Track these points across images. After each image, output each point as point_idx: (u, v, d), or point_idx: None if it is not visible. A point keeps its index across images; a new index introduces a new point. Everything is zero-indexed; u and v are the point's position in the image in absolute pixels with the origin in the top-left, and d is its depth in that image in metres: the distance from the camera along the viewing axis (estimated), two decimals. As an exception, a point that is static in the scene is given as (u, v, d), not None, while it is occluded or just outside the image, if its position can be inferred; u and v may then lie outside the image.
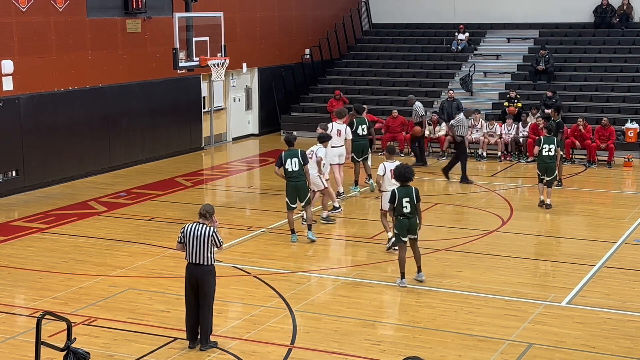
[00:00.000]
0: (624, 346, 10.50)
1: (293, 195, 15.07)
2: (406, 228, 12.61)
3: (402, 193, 12.59)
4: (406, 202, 12.53)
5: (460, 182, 20.01)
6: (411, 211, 12.57)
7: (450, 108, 24.73)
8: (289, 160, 15.02)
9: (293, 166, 14.98)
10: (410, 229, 12.63)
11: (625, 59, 26.96)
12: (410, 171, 12.74)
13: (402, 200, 12.53)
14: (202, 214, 10.46)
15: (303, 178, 15.05)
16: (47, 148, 19.94)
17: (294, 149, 15.21)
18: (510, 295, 12.37)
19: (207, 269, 10.33)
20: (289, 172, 14.99)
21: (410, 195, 12.56)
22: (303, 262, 14.12)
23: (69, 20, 20.46)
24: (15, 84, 19.13)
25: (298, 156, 15.03)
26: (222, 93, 26.35)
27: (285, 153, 15.13)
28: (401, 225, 12.62)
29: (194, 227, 10.34)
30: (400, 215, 12.60)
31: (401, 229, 12.63)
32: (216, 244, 10.36)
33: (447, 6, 31.14)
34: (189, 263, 10.37)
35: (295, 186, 15.00)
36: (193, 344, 10.46)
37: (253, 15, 27.16)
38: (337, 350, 10.37)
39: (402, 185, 12.69)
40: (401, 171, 12.73)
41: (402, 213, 12.57)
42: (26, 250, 14.86)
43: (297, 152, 15.07)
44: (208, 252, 10.28)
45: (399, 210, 12.58)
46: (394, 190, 12.71)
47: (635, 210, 17.45)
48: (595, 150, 22.36)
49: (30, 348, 9.87)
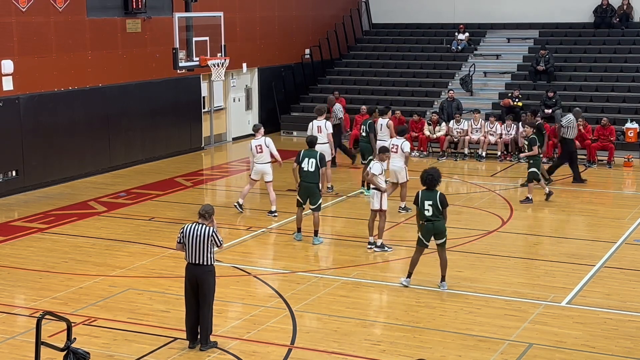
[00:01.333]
0: (624, 346, 10.50)
1: (304, 196, 15.13)
2: (431, 233, 12.46)
3: (424, 196, 12.49)
4: (428, 205, 12.39)
5: (572, 182, 19.98)
6: (434, 214, 12.37)
7: (450, 108, 24.75)
8: (306, 159, 15.05)
9: (309, 166, 15.02)
10: (436, 234, 12.47)
11: (625, 59, 26.96)
12: (434, 177, 12.55)
13: (425, 203, 12.42)
14: (201, 214, 10.46)
15: (316, 180, 15.07)
16: (47, 148, 19.95)
17: (314, 150, 15.23)
18: (510, 295, 12.37)
19: (207, 269, 10.33)
20: (304, 171, 15.04)
21: (434, 199, 12.38)
22: (303, 262, 14.12)
23: (69, 20, 20.46)
24: (15, 84, 19.13)
25: (316, 158, 15.05)
26: (222, 93, 26.35)
27: (304, 152, 15.18)
28: (426, 230, 12.47)
29: (193, 227, 10.34)
30: (424, 220, 12.46)
31: (426, 233, 12.49)
32: (216, 244, 10.36)
33: (447, 6, 31.15)
34: (189, 263, 10.37)
35: (307, 187, 15.05)
36: (193, 344, 10.46)
37: (253, 15, 27.16)
38: (337, 350, 10.37)
39: (427, 189, 12.55)
40: (423, 176, 12.63)
41: (425, 217, 12.45)
42: (26, 250, 14.86)
43: (316, 154, 15.09)
44: (208, 252, 10.28)
45: (422, 214, 12.46)
46: (418, 192, 12.62)
47: (635, 210, 17.45)
48: (595, 150, 22.36)
49: (30, 348, 9.87)
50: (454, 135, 23.68)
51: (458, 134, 23.69)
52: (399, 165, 16.83)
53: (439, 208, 12.35)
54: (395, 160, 16.81)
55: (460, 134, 23.64)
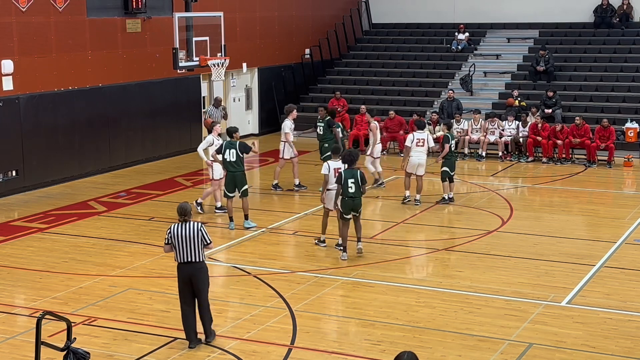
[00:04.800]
0: (624, 346, 10.49)
1: (231, 186, 15.82)
2: (350, 207, 13.83)
3: (347, 175, 13.78)
4: (351, 183, 13.73)
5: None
6: (356, 191, 13.77)
7: (450, 108, 24.77)
8: (227, 150, 15.71)
9: (231, 157, 15.66)
10: (354, 208, 13.87)
11: (625, 58, 26.96)
12: (355, 154, 14.21)
13: (348, 181, 13.73)
14: (181, 214, 10.48)
15: (242, 169, 15.77)
16: (47, 148, 19.95)
17: (234, 140, 15.86)
18: (510, 295, 12.37)
19: (199, 265, 10.39)
20: (228, 162, 15.74)
21: (355, 177, 13.76)
22: (303, 262, 14.11)
23: (69, 20, 20.46)
24: (15, 84, 19.13)
25: (236, 147, 15.70)
26: (222, 93, 26.34)
27: (225, 143, 15.85)
28: (345, 204, 13.85)
29: (180, 227, 10.38)
30: (346, 196, 13.78)
31: (345, 207, 13.86)
32: (205, 241, 10.40)
33: (447, 6, 31.16)
34: (180, 262, 10.40)
35: (234, 176, 15.74)
36: (194, 344, 10.44)
37: (253, 15, 27.16)
38: (337, 350, 10.37)
39: (348, 168, 13.84)
40: (346, 155, 14.11)
41: (349, 194, 13.76)
42: (26, 250, 14.86)
43: (236, 144, 15.77)
44: (198, 248, 10.35)
45: (345, 191, 13.76)
46: (340, 172, 13.91)
47: (635, 210, 17.45)
48: (595, 150, 22.36)
49: (30, 348, 9.87)
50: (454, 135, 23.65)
51: (458, 134, 23.69)
52: (423, 158, 17.60)
53: (359, 184, 13.75)
54: (418, 153, 17.54)
55: (460, 133, 23.64)
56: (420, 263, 14.24)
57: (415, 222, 16.72)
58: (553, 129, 22.79)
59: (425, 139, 17.66)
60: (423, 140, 17.62)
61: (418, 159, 17.60)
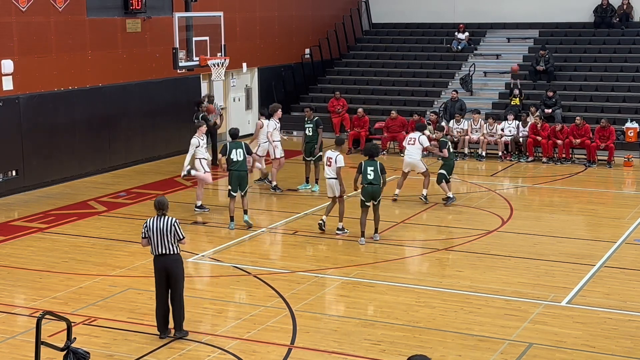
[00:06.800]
0: (624, 346, 10.49)
1: (235, 185, 16.06)
2: (370, 195, 14.81)
3: (368, 164, 14.82)
4: (371, 171, 14.72)
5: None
6: (375, 178, 14.73)
7: (453, 108, 24.76)
8: (234, 150, 16.05)
9: (238, 156, 15.98)
10: (374, 195, 14.83)
11: (625, 58, 26.96)
12: (375, 147, 15.42)
13: (367, 169, 14.74)
14: (158, 208, 10.78)
15: (245, 169, 16.12)
16: (47, 148, 19.95)
17: (239, 141, 16.37)
18: (510, 295, 12.37)
19: (174, 257, 10.66)
20: (234, 161, 15.99)
21: (375, 166, 14.75)
22: (303, 262, 14.12)
23: (69, 20, 20.46)
24: (15, 84, 19.13)
25: (243, 147, 16.14)
26: (222, 93, 26.33)
27: (230, 144, 16.22)
28: (365, 191, 14.84)
29: (156, 220, 10.69)
30: (366, 183, 14.78)
31: (365, 194, 14.85)
32: (177, 236, 10.63)
33: (447, 6, 31.15)
34: (156, 255, 10.67)
35: (239, 175, 15.99)
36: (164, 334, 10.70)
37: (253, 15, 27.16)
38: (337, 350, 10.37)
39: (370, 159, 14.89)
40: (368, 147, 15.32)
41: (368, 180, 14.75)
42: (26, 250, 14.86)
43: (242, 144, 16.24)
44: (173, 241, 10.62)
45: (365, 178, 14.74)
46: (361, 163, 14.93)
47: (635, 210, 17.45)
48: (595, 150, 22.36)
49: (30, 348, 9.87)
50: (454, 135, 23.68)
51: (458, 134, 23.70)
52: (414, 156, 17.90)
53: (379, 173, 14.69)
54: (409, 152, 17.96)
55: (460, 133, 23.64)
56: (421, 263, 14.24)
57: (416, 222, 16.72)
58: (553, 129, 22.79)
59: (417, 138, 17.96)
60: (414, 139, 18.00)
61: (409, 157, 18.00)
